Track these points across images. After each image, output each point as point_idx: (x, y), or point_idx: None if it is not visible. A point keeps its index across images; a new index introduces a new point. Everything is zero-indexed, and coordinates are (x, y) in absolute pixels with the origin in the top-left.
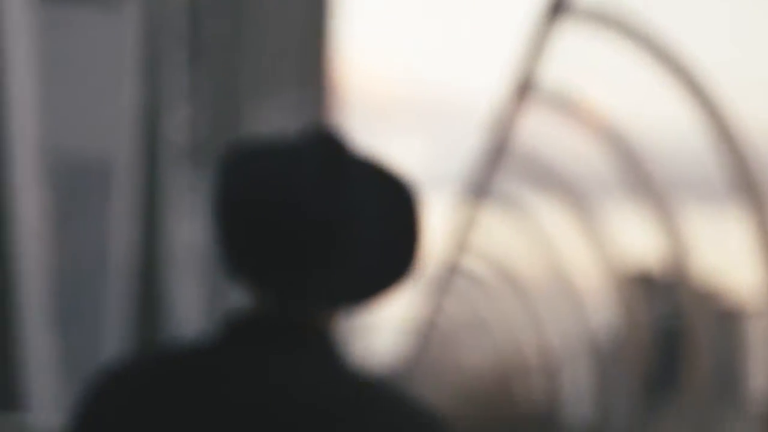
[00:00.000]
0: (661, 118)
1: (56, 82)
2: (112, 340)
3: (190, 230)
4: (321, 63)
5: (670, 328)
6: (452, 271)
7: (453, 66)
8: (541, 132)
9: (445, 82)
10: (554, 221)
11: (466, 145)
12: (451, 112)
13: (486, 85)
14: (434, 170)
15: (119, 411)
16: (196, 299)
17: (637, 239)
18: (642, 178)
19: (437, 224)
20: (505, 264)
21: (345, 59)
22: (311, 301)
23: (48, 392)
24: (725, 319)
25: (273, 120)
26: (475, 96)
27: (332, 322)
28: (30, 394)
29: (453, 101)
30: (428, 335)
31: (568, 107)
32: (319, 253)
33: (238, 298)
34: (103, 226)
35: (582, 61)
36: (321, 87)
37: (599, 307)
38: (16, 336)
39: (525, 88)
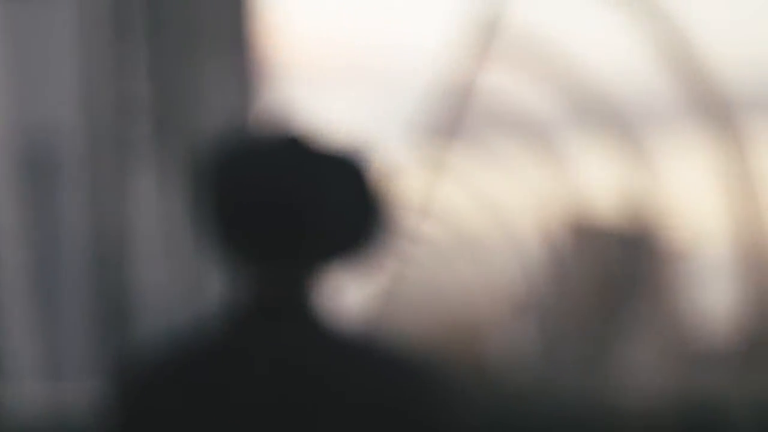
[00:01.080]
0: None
1: (11, 73)
2: (85, 304)
3: (149, 205)
4: (249, 30)
5: (618, 273)
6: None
7: (394, 26)
8: (496, 81)
9: (385, 44)
10: (500, 172)
11: (400, 107)
12: (392, 73)
13: (424, 44)
14: (374, 132)
15: (161, 401)
16: (162, 276)
17: (595, 183)
18: (604, 116)
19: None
20: (453, 223)
21: (276, 24)
22: (295, 276)
23: (27, 359)
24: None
25: (209, 96)
26: (415, 55)
27: (316, 288)
28: (9, 362)
29: (394, 63)
30: (385, 305)
31: (528, 50)
32: (296, 232)
33: (200, 264)
34: (63, 212)
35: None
36: (251, 55)
37: (545, 256)
38: None
39: (485, 34)
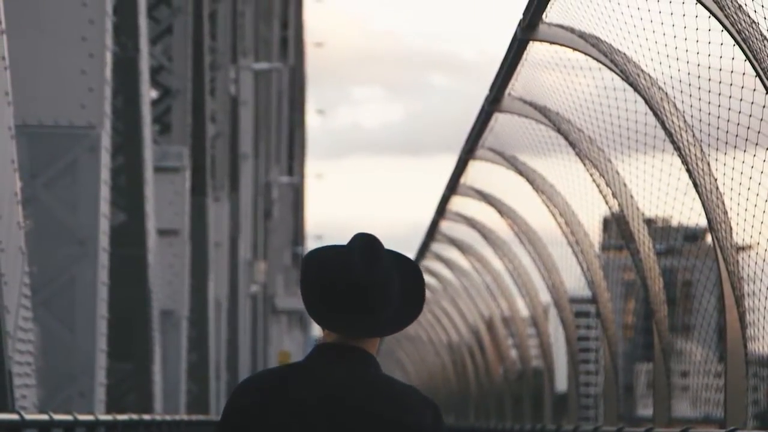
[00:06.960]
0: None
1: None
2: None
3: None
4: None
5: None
6: (430, 235)
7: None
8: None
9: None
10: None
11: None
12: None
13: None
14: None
15: (253, 410)
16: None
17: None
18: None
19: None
20: (480, 224)
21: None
22: (359, 334)
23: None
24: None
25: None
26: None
27: (374, 344)
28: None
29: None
30: None
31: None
32: (363, 306)
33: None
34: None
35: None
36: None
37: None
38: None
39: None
